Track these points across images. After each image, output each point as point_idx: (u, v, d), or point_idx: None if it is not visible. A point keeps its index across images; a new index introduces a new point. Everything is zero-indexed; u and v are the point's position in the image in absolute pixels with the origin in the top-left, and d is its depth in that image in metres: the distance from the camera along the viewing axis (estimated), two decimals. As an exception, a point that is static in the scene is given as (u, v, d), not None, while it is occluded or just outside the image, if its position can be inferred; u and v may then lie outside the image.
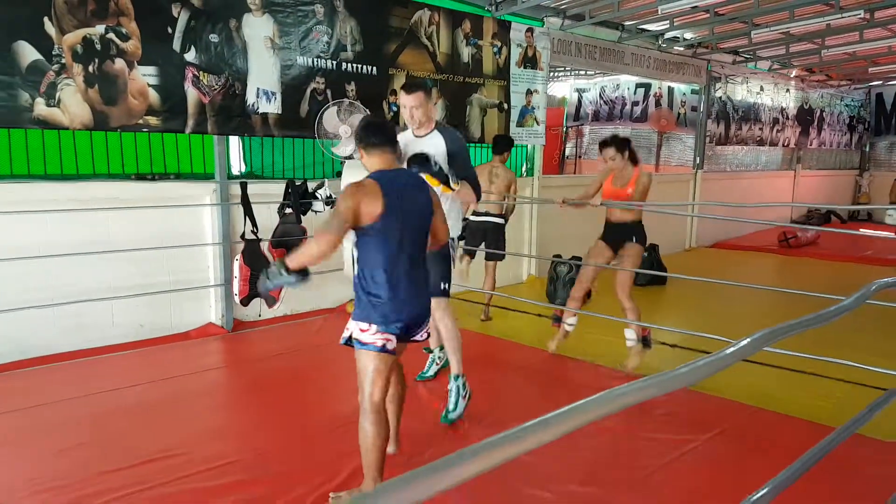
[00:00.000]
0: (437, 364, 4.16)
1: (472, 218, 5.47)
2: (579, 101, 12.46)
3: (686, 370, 1.23)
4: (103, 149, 4.67)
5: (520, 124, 6.88)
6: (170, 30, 4.49)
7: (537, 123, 7.07)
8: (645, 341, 4.39)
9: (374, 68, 5.59)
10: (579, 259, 6.13)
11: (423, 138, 3.45)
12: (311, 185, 5.25)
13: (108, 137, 4.63)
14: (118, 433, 3.27)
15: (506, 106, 6.72)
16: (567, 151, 12.94)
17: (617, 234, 4.43)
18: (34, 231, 4.25)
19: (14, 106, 3.96)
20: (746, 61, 9.93)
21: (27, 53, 3.98)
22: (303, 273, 2.48)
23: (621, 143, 4.37)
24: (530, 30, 6.79)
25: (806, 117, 12.14)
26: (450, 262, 3.51)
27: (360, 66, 5.50)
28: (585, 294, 4.60)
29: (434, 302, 3.17)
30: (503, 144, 5.58)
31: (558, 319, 4.73)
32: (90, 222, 4.45)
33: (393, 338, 2.54)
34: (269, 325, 5.33)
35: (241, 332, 5.14)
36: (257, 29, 4.89)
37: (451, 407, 3.45)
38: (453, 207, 3.53)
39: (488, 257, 5.60)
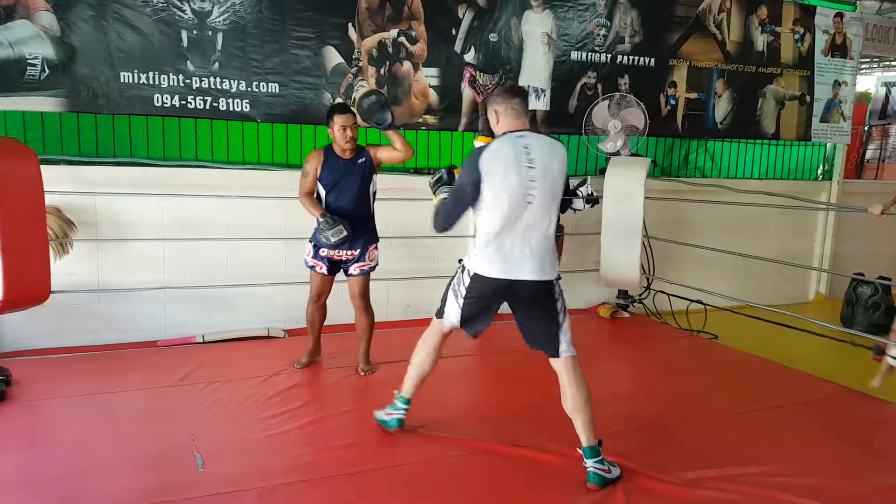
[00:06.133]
0: None
1: None
2: (887, 97, 10.57)
3: None
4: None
5: (823, 119, 6.02)
6: (453, 31, 4.69)
7: (843, 119, 6.14)
8: None
9: (652, 60, 5.31)
10: (889, 280, 5.17)
11: None
12: (572, 182, 5.14)
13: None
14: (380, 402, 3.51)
15: (808, 98, 5.94)
16: (867, 154, 11.12)
17: None
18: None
19: (320, 104, 4.45)
20: None
21: (332, 57, 4.45)
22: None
23: None
24: (839, 14, 5.94)
25: None
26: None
27: (636, 58, 5.24)
28: None
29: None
30: None
31: (881, 352, 4.03)
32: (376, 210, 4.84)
33: None
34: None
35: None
36: (536, 25, 4.90)
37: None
38: None
39: None
